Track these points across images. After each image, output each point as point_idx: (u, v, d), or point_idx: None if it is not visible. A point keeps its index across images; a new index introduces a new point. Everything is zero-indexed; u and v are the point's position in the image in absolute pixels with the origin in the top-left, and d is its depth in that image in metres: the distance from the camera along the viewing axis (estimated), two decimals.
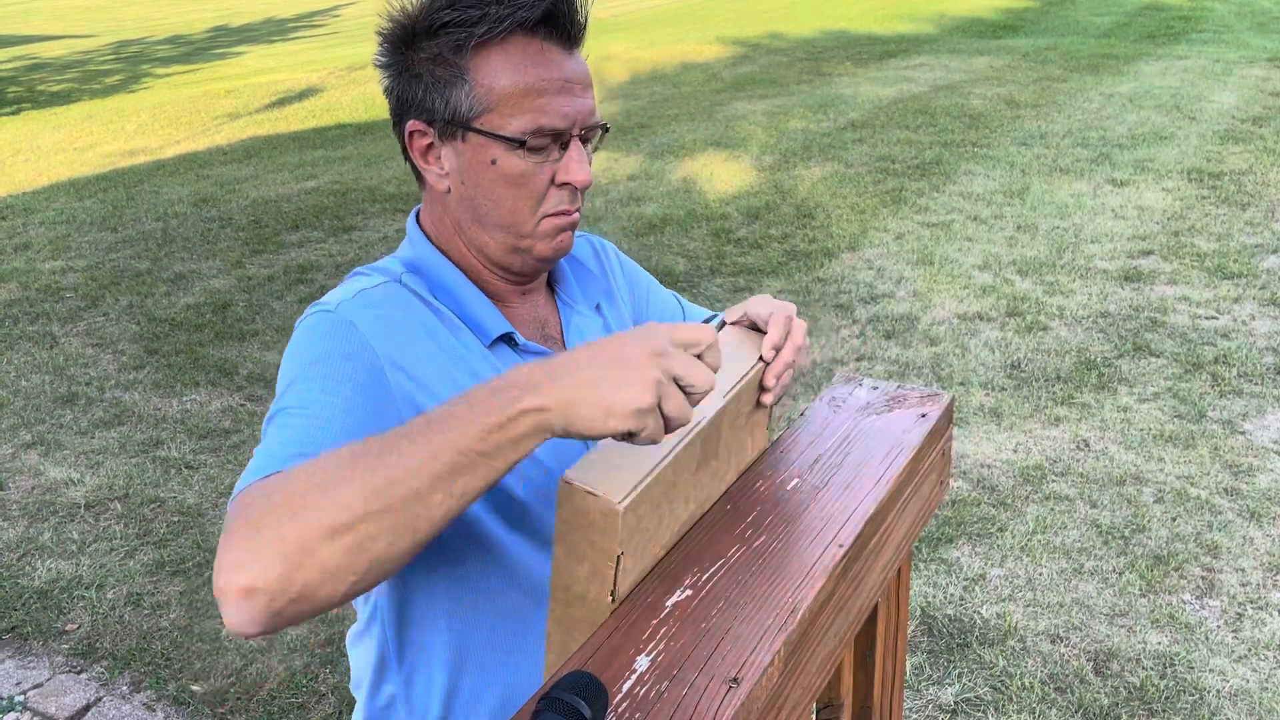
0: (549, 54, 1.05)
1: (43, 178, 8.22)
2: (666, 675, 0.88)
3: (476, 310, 1.12)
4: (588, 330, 1.21)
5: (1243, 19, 13.42)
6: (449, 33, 1.04)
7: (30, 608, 3.06)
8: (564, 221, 1.10)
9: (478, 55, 1.04)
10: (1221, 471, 3.36)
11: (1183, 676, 2.56)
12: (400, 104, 1.09)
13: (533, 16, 1.03)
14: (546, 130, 1.05)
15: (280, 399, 0.99)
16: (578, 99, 1.06)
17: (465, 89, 1.04)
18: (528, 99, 1.04)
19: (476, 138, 1.06)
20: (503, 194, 1.08)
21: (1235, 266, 4.95)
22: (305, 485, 0.80)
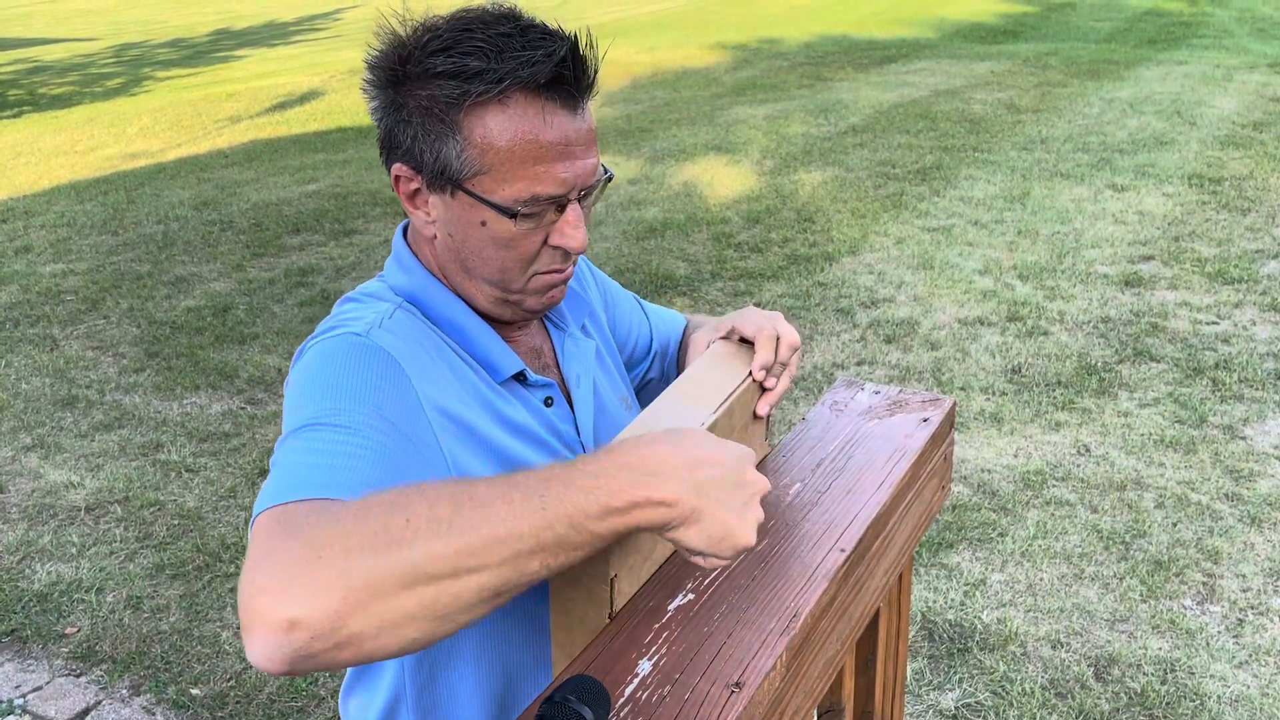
0: (551, 116, 0.97)
1: (44, 181, 8.23)
2: (668, 680, 0.88)
3: (486, 346, 1.06)
4: (580, 354, 1.17)
5: (1243, 24, 13.44)
6: (442, 84, 0.96)
7: (30, 611, 3.06)
8: (556, 279, 1.06)
9: (473, 113, 0.96)
10: (1222, 477, 3.36)
11: (1184, 682, 2.56)
12: (388, 141, 1.02)
13: (536, 77, 0.95)
14: (542, 198, 0.98)
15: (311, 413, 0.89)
16: (578, 161, 0.99)
17: (457, 146, 0.97)
18: (524, 166, 0.97)
19: (467, 197, 0.99)
20: (491, 254, 1.02)
21: (1236, 272, 4.95)
22: (390, 521, 0.71)
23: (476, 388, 1.04)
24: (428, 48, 0.96)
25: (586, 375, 1.16)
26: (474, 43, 0.95)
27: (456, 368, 1.03)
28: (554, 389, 1.12)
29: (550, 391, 1.11)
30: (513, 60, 0.94)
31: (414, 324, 1.03)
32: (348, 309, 1.05)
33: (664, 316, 1.40)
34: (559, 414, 1.11)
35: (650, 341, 1.36)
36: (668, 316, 1.40)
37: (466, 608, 0.73)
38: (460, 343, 1.05)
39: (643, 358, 1.36)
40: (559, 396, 1.12)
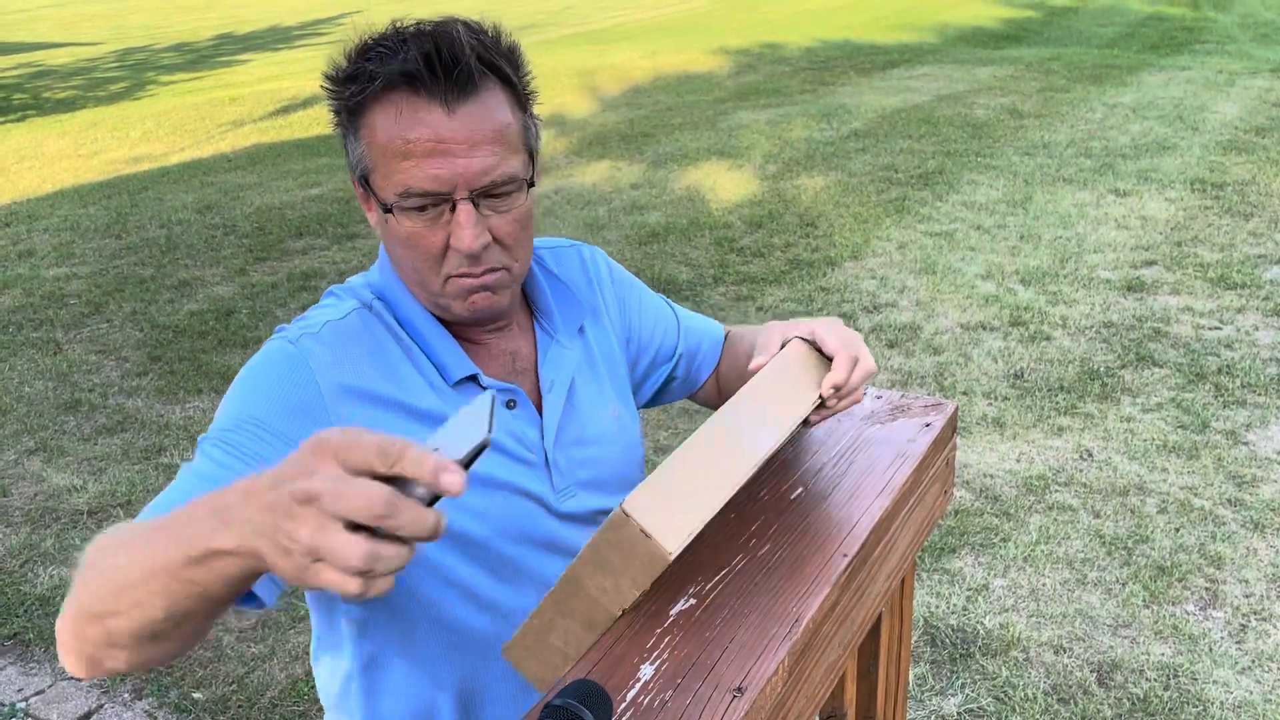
0: (420, 113, 0.98)
1: (47, 184, 8.24)
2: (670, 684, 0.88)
3: (438, 349, 1.08)
4: (563, 362, 1.17)
5: (1245, 30, 13.44)
6: (347, 86, 1.01)
7: (32, 614, 3.06)
8: (469, 284, 1.04)
9: (367, 112, 1.00)
10: (1225, 482, 3.35)
11: (1186, 688, 2.55)
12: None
13: (395, 74, 0.97)
14: (415, 193, 0.99)
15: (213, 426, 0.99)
16: (457, 160, 0.98)
17: (357, 146, 1.03)
18: (396, 160, 0.99)
19: (371, 195, 1.04)
20: (401, 253, 1.05)
21: (1238, 277, 4.95)
22: (91, 561, 0.80)
23: (426, 391, 1.07)
24: (346, 55, 1.02)
25: (562, 381, 1.16)
26: (378, 48, 0.99)
27: (406, 369, 1.07)
28: (518, 393, 1.12)
29: (512, 394, 1.12)
30: (391, 60, 0.98)
31: (367, 326, 1.07)
32: (323, 303, 1.11)
33: (697, 322, 1.39)
34: (524, 416, 1.12)
35: (676, 345, 1.35)
36: (701, 323, 1.39)
37: (146, 633, 0.77)
38: (419, 343, 1.08)
39: (666, 360, 1.35)
40: (524, 400, 1.13)
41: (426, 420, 1.06)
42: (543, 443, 1.13)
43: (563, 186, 7.22)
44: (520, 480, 1.11)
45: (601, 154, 8.12)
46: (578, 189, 7.14)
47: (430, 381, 1.07)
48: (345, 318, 1.07)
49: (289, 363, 1.02)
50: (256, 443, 0.96)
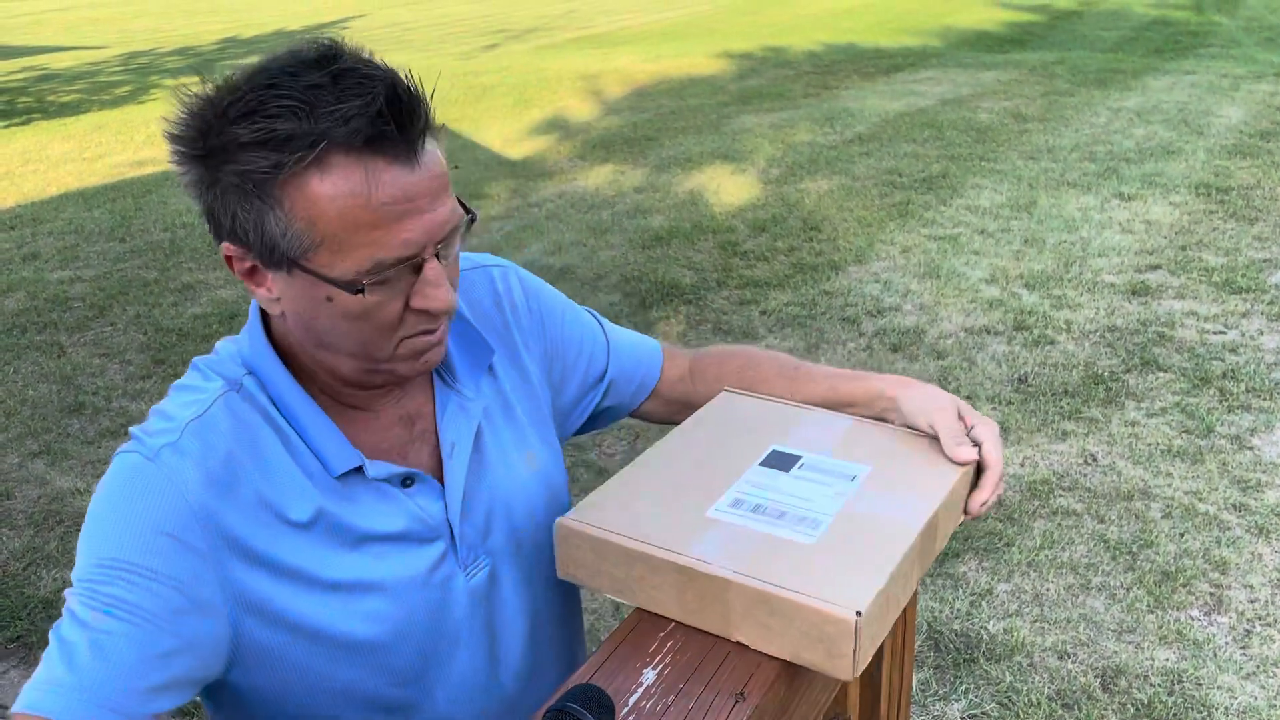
0: (381, 175, 0.84)
1: (51, 188, 8.26)
2: (673, 689, 0.88)
3: (319, 440, 0.96)
4: (465, 419, 1.05)
5: (1251, 34, 13.43)
6: (250, 155, 0.83)
7: (35, 617, 3.06)
8: (426, 342, 0.95)
9: (291, 184, 0.84)
10: (1230, 487, 3.35)
11: (1191, 693, 2.54)
12: (209, 218, 0.90)
13: (351, 135, 0.82)
14: (388, 264, 0.87)
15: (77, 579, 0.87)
16: (425, 216, 0.87)
17: (281, 224, 0.85)
18: (359, 234, 0.85)
19: (304, 275, 0.88)
20: (348, 329, 0.91)
21: (1243, 281, 4.94)
22: None
23: (307, 489, 0.95)
24: (229, 114, 0.84)
25: (464, 442, 1.04)
26: (281, 103, 0.82)
27: (282, 464, 0.95)
28: (413, 472, 1.00)
29: (408, 475, 1.00)
30: (326, 118, 0.82)
31: (237, 416, 0.94)
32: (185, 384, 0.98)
33: (629, 342, 1.27)
34: (424, 492, 1.01)
35: (605, 368, 1.24)
36: (634, 343, 1.28)
37: None
38: (296, 430, 0.96)
39: (595, 383, 1.23)
40: (421, 476, 1.01)
41: (306, 533, 0.95)
42: (447, 516, 1.02)
43: (566, 191, 7.23)
44: (422, 568, 1.01)
45: (605, 158, 8.12)
46: (581, 193, 7.14)
47: (309, 472, 0.95)
48: (208, 412, 0.93)
49: (147, 486, 0.89)
50: (132, 590, 0.85)
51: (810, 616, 0.86)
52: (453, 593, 1.04)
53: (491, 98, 11.01)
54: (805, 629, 0.86)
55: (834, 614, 0.84)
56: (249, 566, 0.92)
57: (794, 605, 0.86)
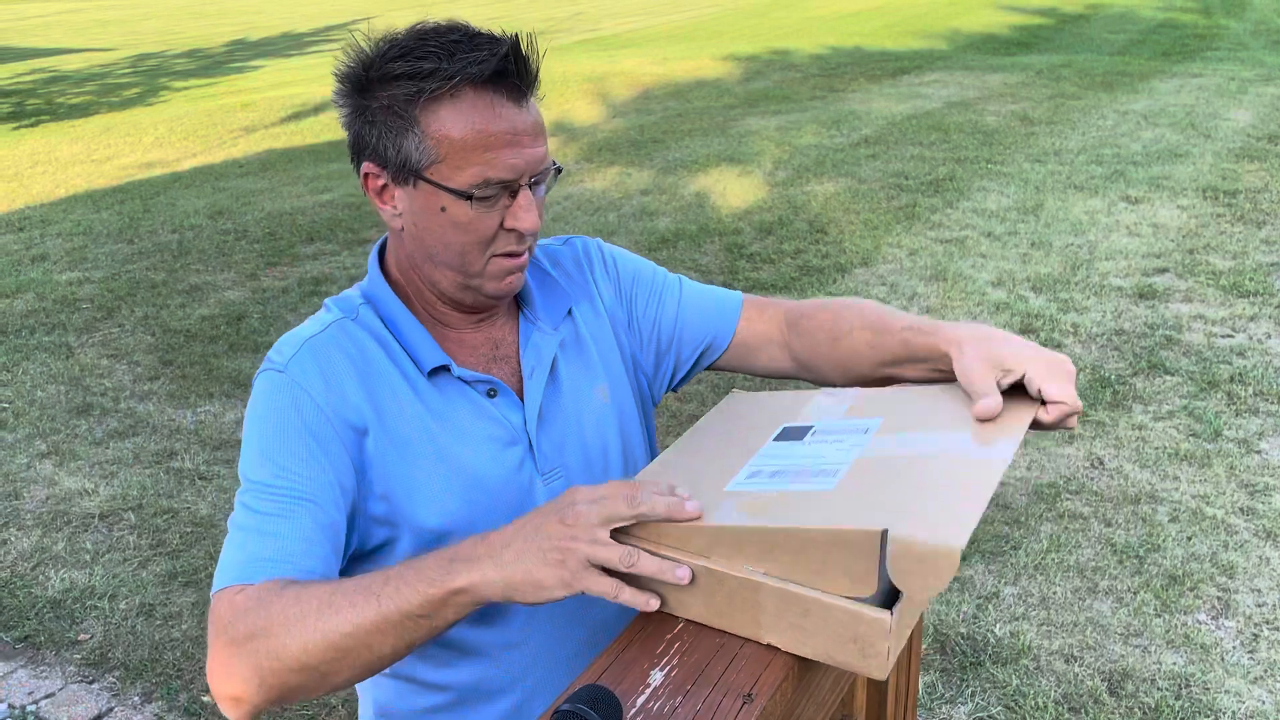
0: (498, 108, 1.06)
1: (60, 189, 8.29)
2: (680, 690, 0.88)
3: (415, 343, 1.16)
4: (544, 347, 1.22)
5: (1258, 37, 13.40)
6: (400, 84, 1.06)
7: (43, 617, 3.07)
8: (511, 264, 1.13)
9: (428, 108, 1.06)
10: (1237, 491, 3.34)
11: (1198, 697, 2.54)
12: (356, 144, 1.12)
13: (483, 73, 1.05)
14: (494, 182, 1.07)
15: (249, 480, 1.08)
16: (526, 150, 1.08)
17: (416, 140, 1.07)
18: (475, 153, 1.06)
19: (427, 186, 1.08)
20: (452, 238, 1.10)
21: (1251, 284, 4.93)
22: (278, 621, 0.94)
23: (402, 385, 1.14)
24: (387, 55, 1.06)
25: (542, 366, 1.21)
26: (428, 48, 1.05)
27: (382, 368, 1.14)
28: (494, 381, 1.17)
29: (491, 384, 1.17)
30: (462, 60, 1.04)
31: (348, 334, 1.15)
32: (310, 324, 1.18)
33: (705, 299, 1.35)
34: (505, 405, 1.18)
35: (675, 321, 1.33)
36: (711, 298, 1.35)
37: (349, 676, 0.97)
38: (399, 338, 1.16)
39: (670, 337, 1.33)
40: (504, 388, 1.18)
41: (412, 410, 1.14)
42: (525, 427, 1.18)
43: (573, 192, 7.23)
44: (507, 466, 1.16)
45: (611, 160, 8.13)
46: (588, 194, 7.15)
47: (406, 374, 1.14)
48: (325, 331, 1.14)
49: (285, 393, 1.10)
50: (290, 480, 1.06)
51: (842, 618, 0.86)
52: (534, 494, 1.18)
53: None
54: (838, 630, 0.87)
55: (868, 615, 0.85)
56: (369, 441, 1.11)
57: (827, 607, 0.87)
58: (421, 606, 0.93)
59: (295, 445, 1.07)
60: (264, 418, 1.10)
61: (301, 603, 0.95)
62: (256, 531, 1.03)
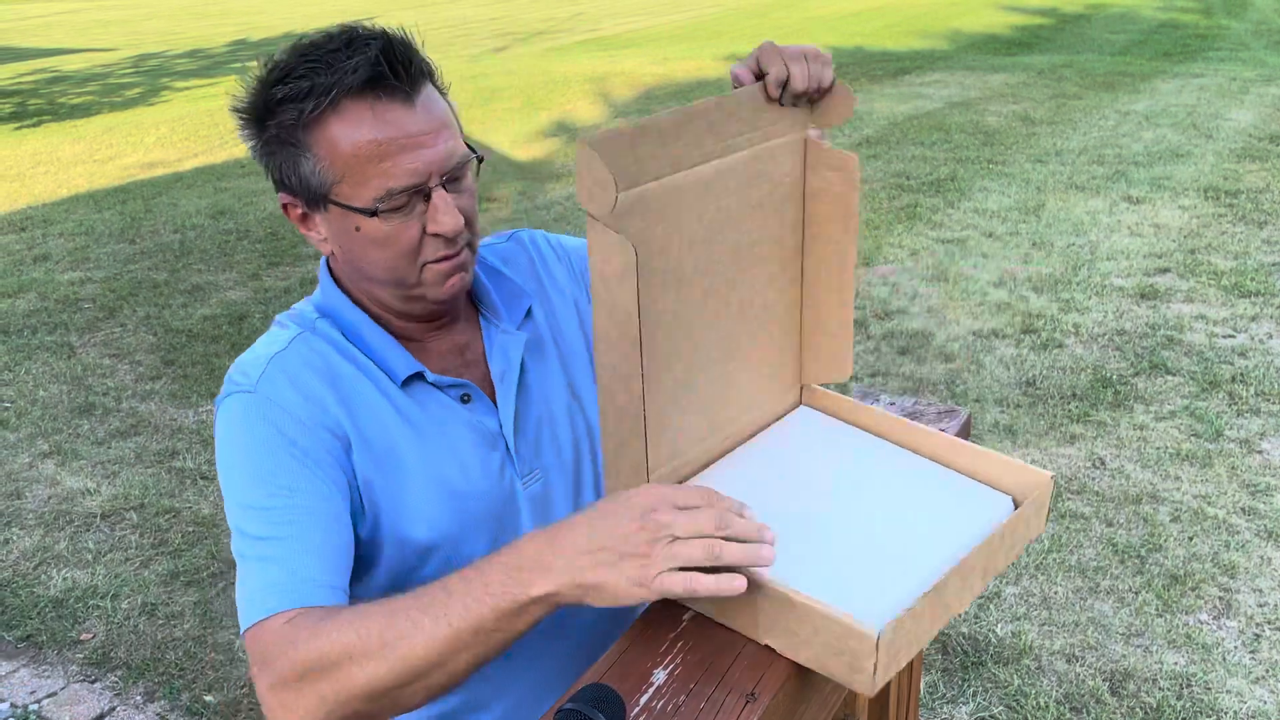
0: (385, 114, 1.01)
1: (62, 189, 8.30)
2: (684, 689, 0.88)
3: (383, 352, 1.12)
4: (510, 349, 1.19)
5: (1259, 37, 13.40)
6: (285, 109, 1.02)
7: (45, 617, 3.08)
8: (449, 266, 1.08)
9: (315, 128, 1.02)
10: (1239, 491, 3.34)
11: (1199, 697, 2.54)
12: (271, 176, 1.09)
13: (357, 81, 1.00)
14: (398, 191, 1.02)
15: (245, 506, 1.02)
16: (428, 150, 1.02)
17: (311, 164, 1.03)
18: (371, 165, 1.01)
19: (336, 209, 1.05)
20: (376, 255, 1.07)
21: (1253, 285, 4.93)
22: (339, 651, 0.89)
23: (375, 393, 1.10)
24: (269, 80, 1.03)
25: (512, 368, 1.18)
26: (306, 64, 1.01)
27: (354, 380, 1.10)
28: (469, 386, 1.15)
29: (465, 389, 1.15)
30: (338, 71, 1.00)
31: (313, 349, 1.10)
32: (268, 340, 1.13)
33: None
34: (481, 408, 1.15)
35: None
36: None
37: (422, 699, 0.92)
38: (364, 350, 1.12)
39: None
40: (477, 392, 1.15)
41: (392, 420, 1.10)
42: (502, 432, 1.16)
43: (574, 193, 7.24)
44: (490, 473, 1.14)
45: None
46: None
47: (378, 384, 1.11)
48: (288, 347, 1.10)
49: (260, 414, 1.05)
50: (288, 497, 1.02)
51: (834, 629, 0.85)
52: (516, 499, 1.17)
53: (499, 100, 11.02)
54: (829, 641, 0.86)
55: (857, 628, 0.84)
56: (354, 455, 1.08)
57: (819, 615, 0.86)
58: (496, 621, 0.88)
59: (286, 462, 1.03)
60: (244, 443, 1.05)
61: (360, 630, 0.90)
62: (268, 559, 0.99)
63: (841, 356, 1.16)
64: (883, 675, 0.85)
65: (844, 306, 1.14)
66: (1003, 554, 1.00)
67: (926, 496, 1.06)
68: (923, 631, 0.89)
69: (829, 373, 1.18)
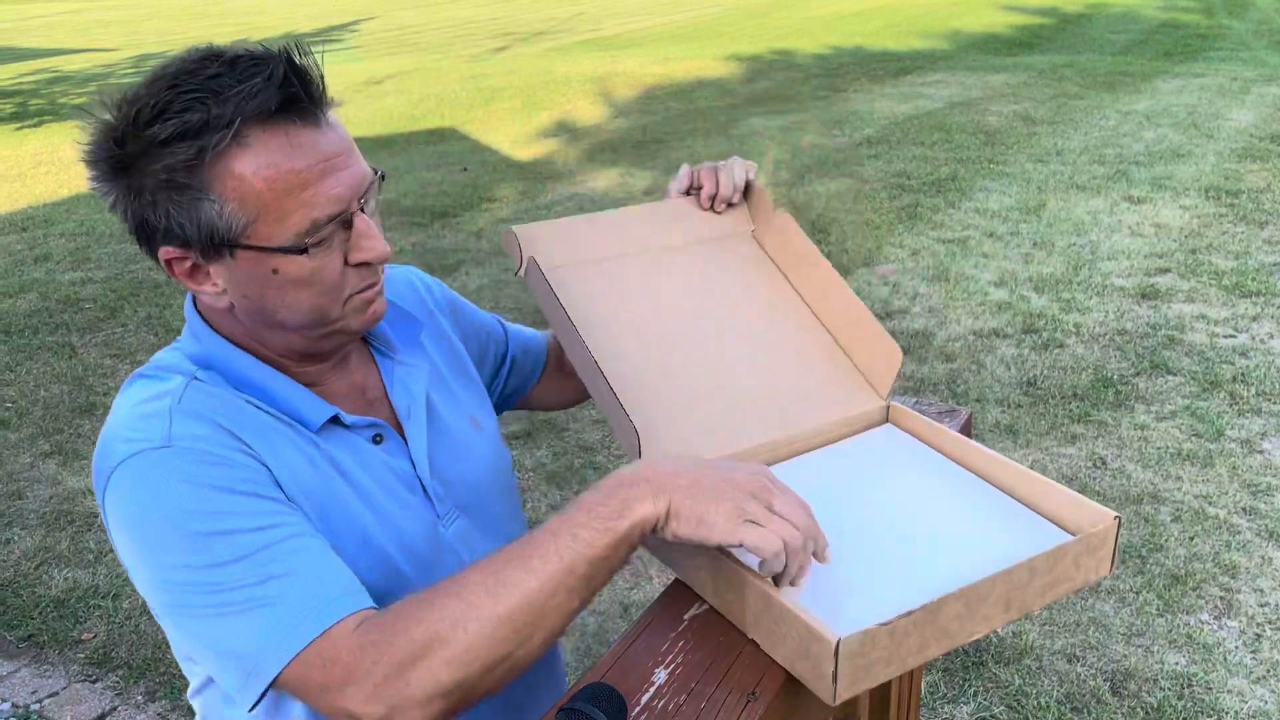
0: (297, 138, 0.90)
1: (63, 189, 8.30)
2: (684, 688, 0.88)
3: (291, 400, 1.00)
4: (412, 382, 1.11)
5: (1260, 37, 13.39)
6: (172, 150, 0.88)
7: (47, 616, 3.08)
8: (371, 293, 1.00)
9: (217, 166, 0.88)
10: (1240, 491, 3.34)
11: (1200, 697, 2.54)
12: (141, 230, 0.94)
13: (267, 105, 0.88)
14: (324, 221, 0.92)
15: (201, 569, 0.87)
16: (344, 172, 0.93)
17: (215, 207, 0.90)
18: (291, 196, 0.90)
19: (248, 253, 0.92)
20: (297, 298, 0.95)
21: (1253, 285, 4.93)
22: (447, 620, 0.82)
23: (294, 442, 0.99)
24: (140, 120, 0.88)
25: (418, 403, 1.10)
26: (187, 97, 0.88)
27: (267, 428, 0.98)
28: (381, 425, 1.06)
29: (377, 428, 1.06)
30: (234, 99, 0.87)
31: (210, 397, 0.97)
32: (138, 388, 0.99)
33: (520, 327, 1.39)
34: (391, 450, 1.06)
35: (506, 347, 1.34)
36: (523, 328, 1.40)
37: (540, 650, 0.86)
38: (266, 402, 1.00)
39: (501, 360, 1.34)
40: (389, 431, 1.07)
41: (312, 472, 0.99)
42: (415, 472, 1.07)
43: (575, 194, 7.24)
44: (412, 517, 1.06)
45: (613, 161, 8.13)
46: (589, 196, 7.15)
47: (291, 436, 0.99)
48: (184, 395, 0.96)
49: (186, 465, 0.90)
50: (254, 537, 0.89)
51: (800, 629, 0.85)
52: (440, 539, 1.08)
53: (500, 100, 11.02)
54: (797, 641, 0.86)
55: (819, 631, 0.83)
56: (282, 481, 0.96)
57: (790, 615, 0.86)
58: (606, 547, 0.84)
59: (244, 504, 0.89)
60: (176, 501, 0.88)
61: (463, 594, 0.83)
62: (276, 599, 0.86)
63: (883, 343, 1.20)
64: (847, 686, 0.83)
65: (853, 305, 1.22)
66: (1036, 590, 0.95)
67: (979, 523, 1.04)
68: (907, 652, 0.86)
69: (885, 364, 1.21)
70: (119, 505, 0.91)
